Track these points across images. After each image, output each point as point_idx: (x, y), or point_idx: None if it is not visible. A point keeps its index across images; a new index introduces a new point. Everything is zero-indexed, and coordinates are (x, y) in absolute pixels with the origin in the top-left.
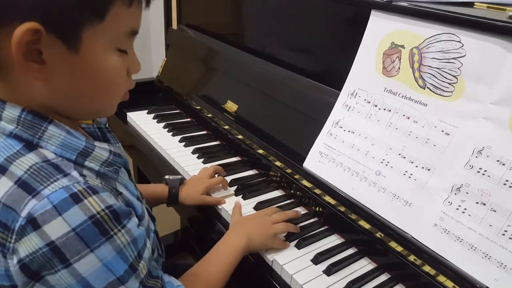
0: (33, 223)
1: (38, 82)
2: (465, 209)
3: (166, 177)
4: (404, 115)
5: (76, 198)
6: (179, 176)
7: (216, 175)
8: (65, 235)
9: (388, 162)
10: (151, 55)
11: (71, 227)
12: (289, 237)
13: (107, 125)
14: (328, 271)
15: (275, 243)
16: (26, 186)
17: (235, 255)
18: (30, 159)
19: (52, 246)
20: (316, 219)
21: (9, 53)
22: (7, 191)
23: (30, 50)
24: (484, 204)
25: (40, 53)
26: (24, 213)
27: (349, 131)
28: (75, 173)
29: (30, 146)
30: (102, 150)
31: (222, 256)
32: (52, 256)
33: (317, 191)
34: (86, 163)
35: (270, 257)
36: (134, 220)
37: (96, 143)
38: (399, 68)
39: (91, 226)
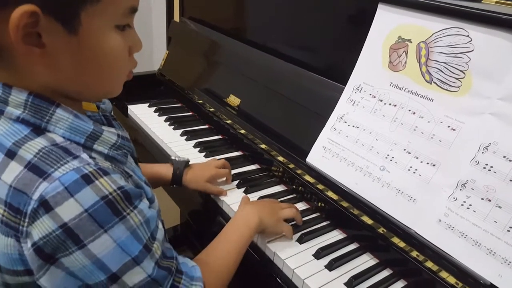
0: (45, 206)
1: (40, 66)
2: (470, 205)
3: (173, 157)
4: (409, 110)
5: (87, 179)
6: (186, 158)
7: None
8: (78, 216)
9: (392, 157)
10: (152, 48)
11: (83, 208)
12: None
13: (112, 113)
14: (330, 266)
15: (284, 227)
16: (36, 170)
17: (247, 234)
18: (39, 143)
19: (65, 228)
20: (318, 214)
21: (9, 38)
22: (17, 175)
23: (28, 34)
24: (490, 200)
25: (40, 36)
26: (35, 196)
27: (353, 126)
28: (84, 155)
29: (38, 130)
30: (110, 134)
31: (234, 235)
32: (66, 238)
33: (320, 186)
34: (95, 146)
35: (271, 252)
36: (145, 201)
37: (104, 127)
38: (405, 62)
39: (103, 206)
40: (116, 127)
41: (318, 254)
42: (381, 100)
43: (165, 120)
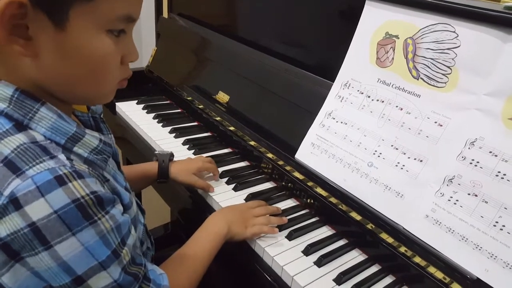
0: (15, 203)
1: (26, 59)
2: (457, 200)
3: (156, 152)
4: (397, 106)
5: (60, 181)
6: (169, 151)
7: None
8: (46, 217)
9: (380, 153)
10: (141, 44)
11: (53, 209)
12: (280, 228)
13: (101, 115)
14: (319, 263)
15: (255, 230)
16: (11, 165)
17: (215, 242)
18: (19, 139)
19: (33, 227)
20: (307, 210)
21: None
22: None
23: (16, 25)
24: (476, 196)
25: (27, 28)
26: (6, 192)
27: (341, 122)
28: (62, 156)
29: (20, 126)
30: (92, 138)
31: (203, 243)
32: (33, 237)
33: (309, 182)
34: (75, 149)
35: (261, 248)
36: (119, 207)
37: (87, 131)
38: (393, 58)
39: (74, 209)
40: (103, 130)
41: (307, 251)
42: (369, 96)
43: (154, 117)
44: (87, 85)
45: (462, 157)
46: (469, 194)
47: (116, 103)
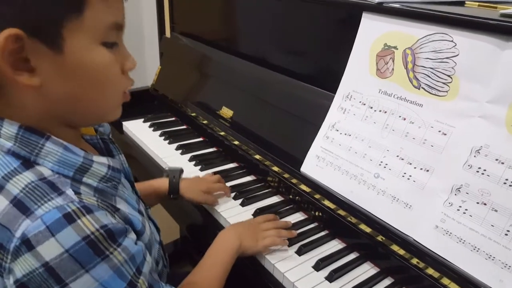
0: (27, 244)
1: (32, 92)
2: (466, 209)
3: (166, 168)
4: (400, 116)
5: (69, 218)
6: (179, 167)
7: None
8: (59, 257)
9: (386, 164)
10: (145, 63)
11: (64, 248)
12: (289, 243)
13: (110, 136)
14: (330, 278)
15: (266, 243)
16: (21, 206)
17: (229, 257)
18: (27, 177)
19: (47, 267)
20: (316, 224)
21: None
22: (3, 210)
23: (17, 60)
24: (485, 204)
25: (28, 60)
26: (18, 234)
27: (345, 134)
28: (69, 192)
29: (28, 163)
30: (100, 166)
31: (216, 259)
32: (48, 276)
33: (316, 195)
34: (84, 179)
35: (270, 265)
36: (131, 236)
37: (95, 158)
38: (393, 69)
39: (85, 247)
40: (113, 151)
41: (318, 266)
42: (371, 107)
43: (160, 135)
44: (95, 101)
45: (469, 165)
46: (478, 203)
47: (123, 122)
